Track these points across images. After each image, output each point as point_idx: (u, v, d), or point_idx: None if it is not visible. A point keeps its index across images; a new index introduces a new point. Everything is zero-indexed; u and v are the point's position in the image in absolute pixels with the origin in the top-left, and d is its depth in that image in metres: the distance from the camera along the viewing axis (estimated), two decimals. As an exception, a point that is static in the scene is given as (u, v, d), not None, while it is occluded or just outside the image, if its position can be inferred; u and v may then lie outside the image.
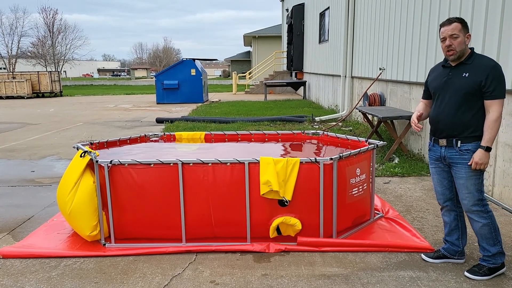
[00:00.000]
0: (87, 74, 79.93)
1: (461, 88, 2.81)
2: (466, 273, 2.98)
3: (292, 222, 3.43)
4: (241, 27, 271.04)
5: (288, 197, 3.38)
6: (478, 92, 2.76)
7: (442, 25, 2.86)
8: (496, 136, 4.50)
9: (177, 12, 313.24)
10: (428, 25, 6.01)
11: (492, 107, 2.75)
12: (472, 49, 2.87)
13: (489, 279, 2.93)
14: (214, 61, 37.02)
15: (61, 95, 25.00)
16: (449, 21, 2.82)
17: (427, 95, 3.19)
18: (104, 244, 3.56)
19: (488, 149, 2.77)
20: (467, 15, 4.92)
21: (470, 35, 2.83)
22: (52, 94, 24.50)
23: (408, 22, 6.78)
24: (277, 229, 3.47)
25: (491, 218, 2.93)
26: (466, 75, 2.80)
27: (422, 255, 3.30)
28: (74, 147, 3.91)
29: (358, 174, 3.67)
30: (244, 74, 29.89)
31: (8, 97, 22.98)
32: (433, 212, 4.30)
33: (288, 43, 20.79)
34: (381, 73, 8.19)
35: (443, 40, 2.83)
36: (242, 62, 49.44)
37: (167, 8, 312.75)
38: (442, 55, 5.54)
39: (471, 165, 2.82)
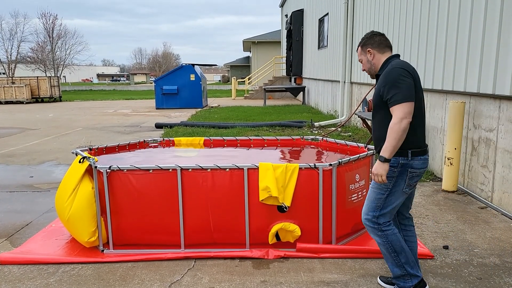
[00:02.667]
0: (86, 79, 79.96)
1: (374, 101, 2.73)
2: None
3: (291, 228, 3.42)
4: (241, 32, 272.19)
5: (287, 203, 3.37)
6: (385, 103, 2.61)
7: None
8: (495, 142, 4.53)
9: (178, 17, 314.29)
10: (427, 30, 6.03)
11: (393, 114, 2.54)
12: (389, 57, 2.75)
13: None
14: (213, 66, 37.15)
15: (61, 100, 25.02)
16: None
17: None
18: (103, 250, 3.55)
19: (384, 160, 2.53)
20: (465, 23, 4.94)
21: (369, 49, 2.76)
22: (52, 99, 24.51)
23: (407, 28, 6.81)
24: (276, 235, 3.46)
25: (387, 238, 2.71)
26: (376, 87, 2.72)
27: (378, 279, 3.06)
28: (73, 152, 3.90)
29: (358, 180, 3.67)
30: (243, 80, 29.96)
31: (7, 102, 22.99)
32: (433, 218, 4.29)
33: (287, 49, 20.85)
34: (380, 78, 8.20)
35: None
36: (242, 68, 49.55)
37: (168, 13, 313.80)
38: (440, 59, 5.58)
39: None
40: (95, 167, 3.44)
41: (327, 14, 13.23)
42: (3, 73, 41.74)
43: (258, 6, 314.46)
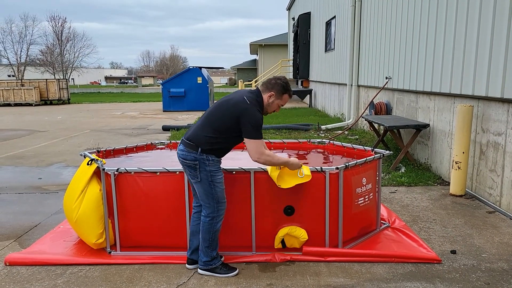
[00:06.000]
0: (94, 81, 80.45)
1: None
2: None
3: (297, 234, 3.41)
4: (249, 35, 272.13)
5: (306, 171, 3.22)
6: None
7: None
8: (503, 146, 4.49)
9: (186, 21, 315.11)
10: (435, 34, 6.01)
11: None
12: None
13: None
14: (220, 69, 37.27)
15: (69, 103, 25.20)
16: None
17: None
18: (110, 252, 3.57)
19: None
20: (473, 26, 4.92)
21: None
22: (60, 102, 24.71)
23: (415, 31, 6.79)
24: (282, 242, 3.46)
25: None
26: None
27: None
28: (81, 154, 3.93)
29: (364, 183, 3.66)
30: (250, 82, 30.00)
31: (16, 104, 23.22)
32: (440, 223, 4.26)
33: (294, 52, 20.85)
34: (387, 82, 8.18)
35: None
36: (248, 70, 49.66)
37: (176, 16, 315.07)
38: (448, 62, 5.55)
39: None
40: (103, 169, 3.47)
41: (334, 17, 13.22)
42: (13, 76, 42.19)
43: (266, 9, 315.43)
